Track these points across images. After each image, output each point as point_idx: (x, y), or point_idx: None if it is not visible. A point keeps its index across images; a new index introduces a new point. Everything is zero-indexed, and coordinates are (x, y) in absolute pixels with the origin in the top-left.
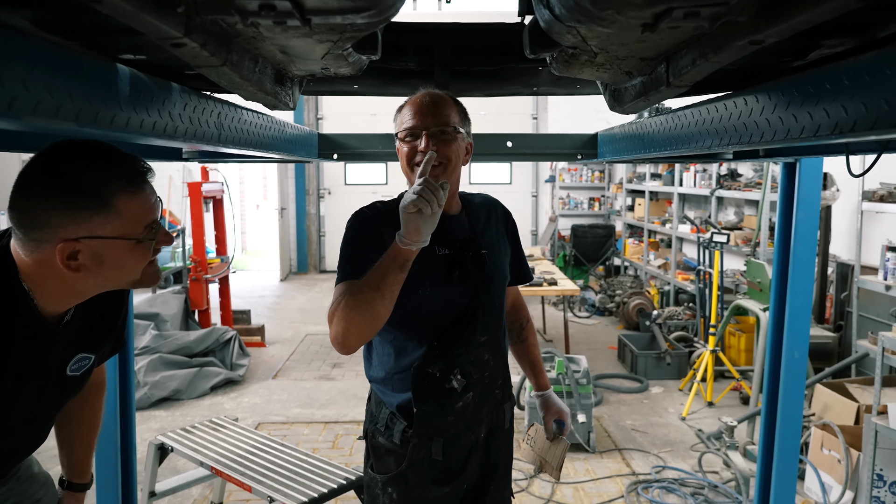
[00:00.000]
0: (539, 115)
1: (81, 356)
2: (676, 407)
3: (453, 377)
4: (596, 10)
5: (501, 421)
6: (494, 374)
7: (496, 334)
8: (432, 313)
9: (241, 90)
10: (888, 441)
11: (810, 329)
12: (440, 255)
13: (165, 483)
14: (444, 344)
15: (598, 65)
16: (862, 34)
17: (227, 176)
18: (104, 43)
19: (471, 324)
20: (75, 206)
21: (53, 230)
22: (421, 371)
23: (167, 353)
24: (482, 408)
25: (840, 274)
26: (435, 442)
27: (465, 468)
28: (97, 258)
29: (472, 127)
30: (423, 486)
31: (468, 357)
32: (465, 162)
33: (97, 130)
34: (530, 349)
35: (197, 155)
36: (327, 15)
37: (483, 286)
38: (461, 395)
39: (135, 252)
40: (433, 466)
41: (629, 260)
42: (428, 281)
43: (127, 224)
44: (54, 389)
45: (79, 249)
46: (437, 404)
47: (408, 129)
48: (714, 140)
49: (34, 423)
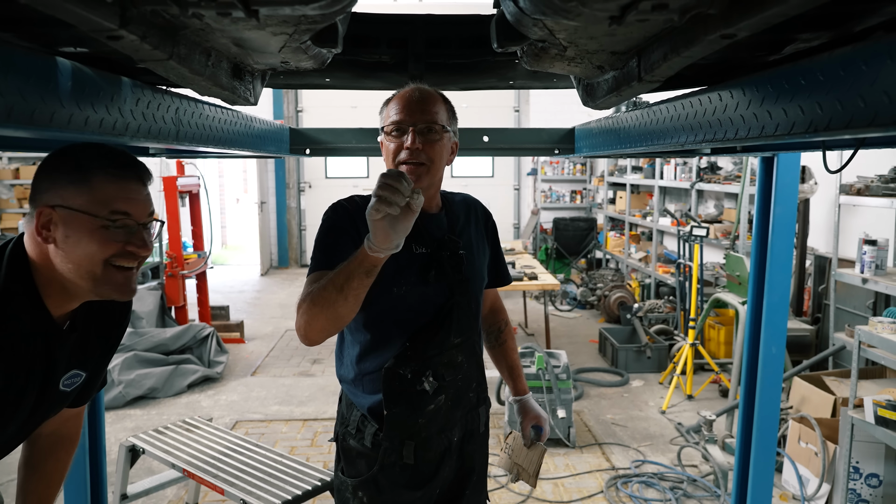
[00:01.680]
0: (521, 108)
1: (74, 372)
2: (656, 400)
3: (425, 379)
4: (560, 3)
5: (476, 425)
6: (468, 377)
7: (471, 336)
8: (406, 313)
9: (193, 85)
10: (864, 434)
11: (788, 322)
12: (417, 253)
13: (139, 485)
14: (416, 345)
15: (569, 59)
16: (838, 28)
17: (206, 170)
18: (41, 35)
19: (445, 325)
20: (58, 172)
21: (40, 196)
22: (392, 372)
23: (142, 350)
24: (455, 411)
25: (818, 267)
26: (406, 445)
27: (438, 472)
28: (64, 232)
29: (458, 125)
30: (394, 491)
31: (441, 359)
32: (450, 161)
33: (34, 131)
34: (508, 353)
35: (165, 151)
36: (274, 6)
37: (460, 287)
38: (433, 398)
39: (95, 235)
40: (405, 470)
41: (610, 253)
42: (403, 279)
43: (95, 202)
44: (47, 402)
45: (52, 220)
46: (408, 406)
47: (394, 124)
48: (689, 136)
49: (18, 434)
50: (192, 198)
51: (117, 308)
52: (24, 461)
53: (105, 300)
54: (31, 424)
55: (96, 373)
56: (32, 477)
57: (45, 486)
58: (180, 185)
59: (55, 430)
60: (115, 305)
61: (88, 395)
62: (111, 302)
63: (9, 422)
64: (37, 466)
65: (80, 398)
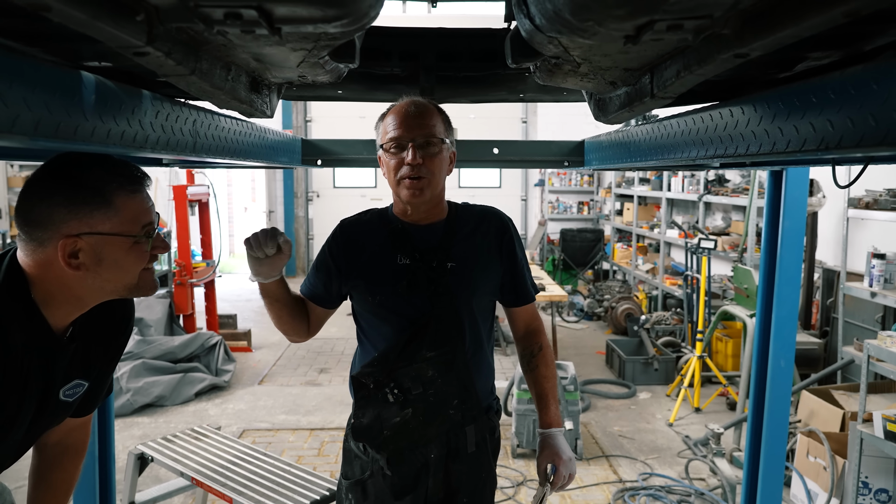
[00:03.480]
0: (528, 120)
1: (76, 382)
2: (664, 413)
3: (388, 391)
4: (576, 22)
5: (463, 444)
6: (442, 393)
7: (450, 352)
8: (383, 322)
9: (213, 98)
10: (873, 448)
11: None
12: (400, 264)
13: (146, 493)
14: (385, 355)
15: (582, 75)
16: (848, 47)
17: (215, 178)
18: (67, 50)
19: (416, 337)
20: (77, 201)
21: (56, 227)
22: (356, 380)
23: (151, 358)
24: (428, 427)
25: (826, 280)
26: (381, 456)
27: (417, 487)
28: (96, 256)
29: (456, 133)
30: (379, 498)
31: (408, 371)
32: (450, 171)
33: (59, 143)
34: (539, 380)
35: (178, 161)
36: (297, 24)
37: (440, 299)
38: (398, 411)
39: (132, 252)
40: (386, 479)
41: (618, 264)
42: (379, 289)
43: (125, 222)
44: (47, 412)
45: (80, 247)
46: (375, 416)
47: (393, 140)
48: (700, 150)
49: (21, 444)
50: (202, 206)
51: (118, 314)
52: (32, 471)
53: (104, 308)
54: (32, 434)
55: (100, 381)
56: (40, 487)
57: (52, 496)
58: (190, 193)
59: (60, 439)
60: (117, 312)
61: (93, 405)
62: (112, 309)
63: (8, 432)
64: (43, 476)
65: (84, 407)
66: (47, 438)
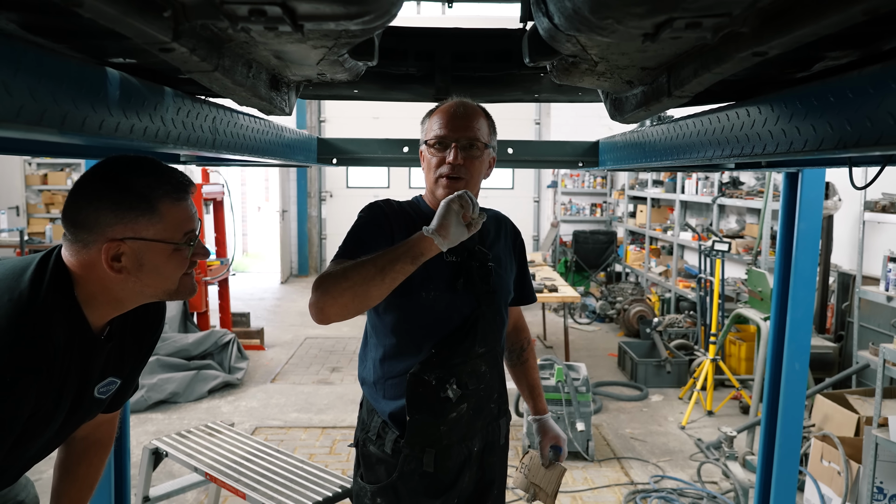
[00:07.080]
0: (542, 121)
1: (110, 379)
2: (676, 415)
3: (449, 386)
4: (595, 20)
5: (497, 436)
6: (490, 387)
7: (494, 347)
8: (433, 319)
9: (234, 95)
10: (888, 454)
11: (811, 339)
12: (447, 261)
13: (160, 488)
14: (442, 352)
15: (599, 73)
16: (866, 46)
17: (228, 177)
18: (93, 46)
19: (471, 333)
20: (123, 206)
21: (101, 230)
22: (416, 378)
23: (165, 355)
24: (476, 420)
25: (841, 284)
26: (427, 453)
27: (457, 482)
28: (138, 261)
29: (496, 139)
30: (413, 498)
31: (465, 367)
32: (487, 176)
33: (84, 138)
34: (529, 371)
35: (195, 158)
36: (320, 21)
37: (486, 298)
38: (455, 406)
39: (172, 258)
40: (424, 478)
41: (630, 266)
42: (432, 285)
43: (168, 229)
44: (81, 408)
45: (123, 251)
46: (430, 413)
47: (437, 138)
48: (716, 150)
49: (54, 439)
50: (217, 205)
51: (151, 314)
52: (58, 464)
53: (139, 308)
54: (66, 430)
55: (131, 379)
56: (66, 480)
57: (77, 490)
58: (205, 192)
59: (88, 434)
60: (150, 311)
61: (122, 401)
62: (146, 309)
63: (45, 427)
64: (70, 470)
65: (113, 404)
66: (76, 433)
